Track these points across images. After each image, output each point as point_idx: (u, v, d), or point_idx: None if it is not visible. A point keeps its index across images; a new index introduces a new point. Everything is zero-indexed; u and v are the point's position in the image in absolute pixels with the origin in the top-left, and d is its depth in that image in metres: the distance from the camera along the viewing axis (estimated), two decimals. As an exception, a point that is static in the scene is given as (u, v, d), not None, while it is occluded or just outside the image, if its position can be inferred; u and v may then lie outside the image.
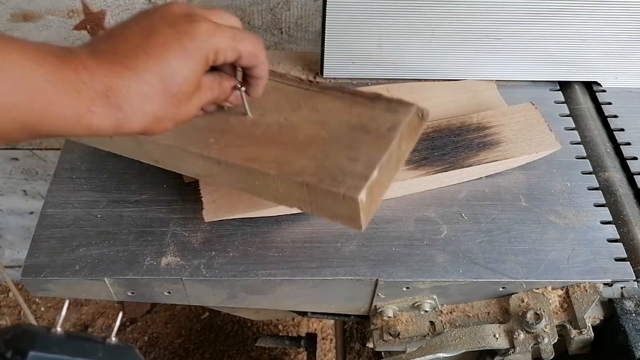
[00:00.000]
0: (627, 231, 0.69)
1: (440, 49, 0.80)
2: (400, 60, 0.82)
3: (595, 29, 0.78)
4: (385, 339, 0.67)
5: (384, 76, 0.84)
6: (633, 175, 0.75)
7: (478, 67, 0.83)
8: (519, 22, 0.77)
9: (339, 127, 0.58)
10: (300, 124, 0.59)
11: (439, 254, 0.65)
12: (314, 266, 0.64)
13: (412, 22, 0.77)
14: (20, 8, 0.98)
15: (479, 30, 0.78)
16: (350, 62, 0.82)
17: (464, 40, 0.79)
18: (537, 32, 0.78)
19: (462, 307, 0.68)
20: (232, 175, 0.58)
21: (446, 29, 0.78)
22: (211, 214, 0.65)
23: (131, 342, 1.61)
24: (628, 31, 0.78)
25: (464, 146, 0.72)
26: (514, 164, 0.73)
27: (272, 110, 0.60)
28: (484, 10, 0.76)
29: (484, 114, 0.76)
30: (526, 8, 0.75)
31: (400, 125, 0.57)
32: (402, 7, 0.75)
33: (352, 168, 0.53)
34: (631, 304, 0.63)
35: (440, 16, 0.76)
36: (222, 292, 0.66)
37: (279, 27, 1.03)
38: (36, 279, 0.62)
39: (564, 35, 0.79)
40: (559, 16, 0.76)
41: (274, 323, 1.66)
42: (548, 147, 0.73)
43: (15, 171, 1.34)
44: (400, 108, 0.58)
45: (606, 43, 0.80)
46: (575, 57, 0.82)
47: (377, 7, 0.75)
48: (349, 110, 0.59)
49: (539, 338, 0.62)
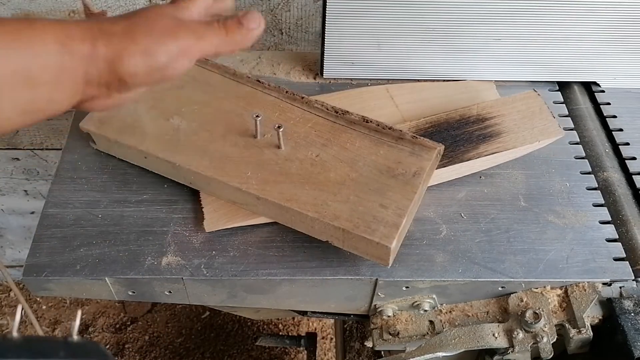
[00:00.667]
0: (625, 231, 0.69)
1: (440, 49, 0.80)
2: (400, 60, 0.82)
3: (594, 30, 0.78)
4: (384, 338, 0.67)
5: (384, 76, 0.84)
6: (632, 175, 0.75)
7: (478, 68, 0.83)
8: (518, 23, 0.77)
9: (367, 169, 0.64)
10: (331, 163, 0.65)
11: (439, 254, 0.66)
12: (314, 266, 0.64)
13: (412, 23, 0.77)
14: (21, 8, 0.98)
15: (479, 31, 0.78)
16: (350, 63, 0.82)
17: (463, 41, 0.79)
18: (536, 32, 0.78)
19: (461, 306, 0.68)
20: (269, 209, 0.63)
21: (446, 30, 0.78)
22: (212, 224, 0.65)
23: (132, 341, 1.61)
24: (627, 31, 0.78)
25: (464, 139, 0.71)
26: (516, 154, 0.72)
27: (303, 145, 0.66)
28: (483, 11, 0.76)
29: (483, 104, 0.75)
30: (525, 8, 0.76)
31: (424, 171, 0.63)
32: (402, 8, 0.75)
33: (384, 215, 0.60)
34: (630, 304, 0.64)
35: (440, 17, 0.76)
36: (223, 292, 0.66)
37: (279, 27, 1.03)
38: (37, 278, 0.62)
39: (563, 36, 0.79)
40: (558, 17, 0.76)
41: (274, 322, 1.66)
42: (551, 134, 0.72)
43: (17, 171, 1.35)
44: (423, 153, 0.65)
45: (605, 43, 0.80)
46: (574, 58, 0.82)
47: (376, 8, 0.75)
48: (375, 150, 0.66)
49: (538, 337, 0.62)
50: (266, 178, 0.63)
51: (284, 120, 0.68)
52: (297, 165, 0.65)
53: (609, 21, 0.77)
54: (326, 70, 0.84)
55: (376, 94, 0.80)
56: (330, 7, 0.75)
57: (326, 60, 0.82)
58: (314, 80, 0.85)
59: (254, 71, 0.86)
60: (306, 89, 0.84)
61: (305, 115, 0.69)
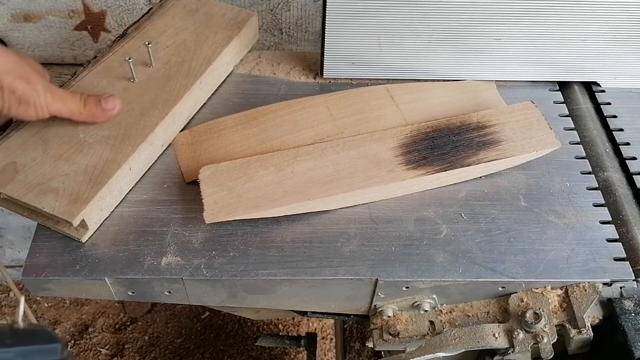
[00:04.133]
0: (626, 231, 0.69)
1: (440, 49, 0.80)
2: (400, 60, 0.82)
3: (594, 30, 0.78)
4: (385, 339, 0.67)
5: (384, 76, 0.84)
6: (632, 175, 0.75)
7: (478, 68, 0.83)
8: (518, 23, 0.77)
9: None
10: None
11: (439, 254, 0.66)
12: (314, 266, 0.64)
13: (412, 23, 0.77)
14: (20, 8, 0.98)
15: (479, 31, 0.78)
16: (350, 62, 0.82)
17: (463, 41, 0.79)
18: (536, 32, 0.78)
19: (461, 306, 0.68)
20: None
21: (446, 30, 0.78)
22: (212, 216, 0.65)
23: (132, 341, 1.61)
24: (627, 32, 0.78)
25: (464, 145, 0.72)
26: (514, 162, 0.73)
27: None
28: (483, 11, 0.76)
29: (483, 112, 0.76)
30: (526, 8, 0.75)
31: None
32: (402, 8, 0.75)
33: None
34: (630, 304, 0.64)
35: (440, 16, 0.76)
36: (223, 292, 0.66)
37: (279, 27, 1.03)
38: (37, 278, 0.62)
39: (563, 36, 0.79)
40: (558, 17, 0.76)
41: (274, 322, 1.66)
42: (548, 145, 0.73)
43: (16, 171, 1.34)
44: None
45: (605, 43, 0.80)
46: (575, 58, 0.82)
47: (376, 8, 0.75)
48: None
49: (538, 337, 0.62)
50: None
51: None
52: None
53: (609, 21, 0.77)
54: (326, 70, 0.84)
55: (376, 94, 0.80)
56: (330, 7, 0.75)
57: (326, 60, 0.82)
58: (314, 80, 0.85)
59: (254, 71, 0.86)
60: (306, 88, 0.84)
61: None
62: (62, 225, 0.65)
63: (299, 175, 0.68)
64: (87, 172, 0.65)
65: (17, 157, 0.66)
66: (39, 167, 0.65)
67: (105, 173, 0.65)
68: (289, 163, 0.69)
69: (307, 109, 0.78)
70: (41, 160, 0.66)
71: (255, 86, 0.84)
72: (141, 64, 0.75)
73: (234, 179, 0.68)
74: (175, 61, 0.78)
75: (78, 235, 0.65)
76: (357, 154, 0.71)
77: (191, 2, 0.87)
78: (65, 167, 0.65)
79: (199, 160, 0.72)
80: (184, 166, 0.73)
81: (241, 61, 0.87)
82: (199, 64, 0.78)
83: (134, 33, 0.81)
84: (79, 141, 0.68)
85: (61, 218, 0.61)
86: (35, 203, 0.62)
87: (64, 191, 0.63)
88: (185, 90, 0.74)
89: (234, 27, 0.83)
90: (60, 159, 0.66)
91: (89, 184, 0.64)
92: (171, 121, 0.73)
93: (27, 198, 0.62)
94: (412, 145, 0.72)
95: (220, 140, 0.74)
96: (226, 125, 0.76)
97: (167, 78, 0.76)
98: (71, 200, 0.62)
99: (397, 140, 0.72)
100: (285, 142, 0.74)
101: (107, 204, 0.67)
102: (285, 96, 0.82)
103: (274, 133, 0.75)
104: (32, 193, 0.63)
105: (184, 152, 0.74)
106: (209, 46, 0.80)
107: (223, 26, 0.83)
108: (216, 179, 0.68)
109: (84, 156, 0.67)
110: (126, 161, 0.67)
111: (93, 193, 0.63)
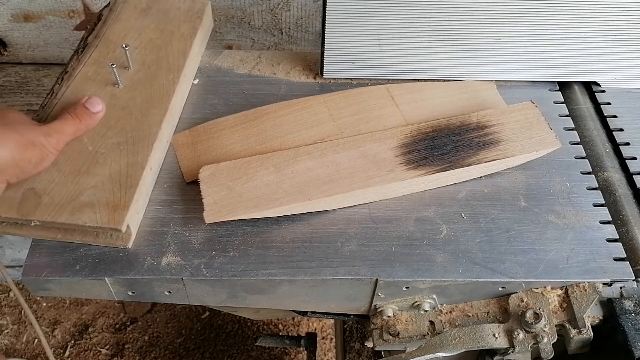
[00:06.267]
0: (626, 231, 0.69)
1: (440, 49, 0.80)
2: (400, 60, 0.82)
3: (594, 30, 0.78)
4: (385, 339, 0.67)
5: (384, 76, 0.84)
6: (632, 175, 0.75)
7: (478, 68, 0.83)
8: (518, 23, 0.77)
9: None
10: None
11: (439, 254, 0.66)
12: (314, 266, 0.64)
13: (412, 23, 0.77)
14: (21, 8, 0.98)
15: (479, 31, 0.78)
16: (350, 62, 0.82)
17: (463, 41, 0.79)
18: (536, 32, 0.78)
19: (461, 306, 0.68)
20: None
21: (446, 30, 0.78)
22: (212, 216, 0.65)
23: (132, 341, 1.61)
24: (627, 32, 0.78)
25: (464, 145, 0.72)
26: (514, 162, 0.73)
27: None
28: (483, 11, 0.76)
29: (483, 112, 0.76)
30: (526, 9, 0.76)
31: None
32: (402, 8, 0.75)
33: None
34: (630, 304, 0.64)
35: (440, 16, 0.76)
36: (223, 292, 0.66)
37: (279, 27, 1.03)
38: (37, 278, 0.62)
39: (563, 36, 0.79)
40: (558, 17, 0.76)
41: (274, 322, 1.66)
42: (548, 145, 0.73)
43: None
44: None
45: (605, 43, 0.80)
46: (575, 58, 0.82)
47: (376, 8, 0.75)
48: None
49: (538, 337, 0.62)
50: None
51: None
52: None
53: (609, 21, 0.77)
54: (326, 70, 0.84)
55: (376, 94, 0.80)
56: (330, 7, 0.75)
57: (326, 60, 0.82)
58: (314, 80, 0.85)
59: (254, 71, 0.86)
60: (306, 88, 0.84)
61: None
62: (103, 237, 0.64)
63: (299, 175, 0.68)
64: (113, 179, 0.64)
65: (32, 183, 0.64)
66: (61, 187, 0.64)
67: (132, 176, 0.65)
68: (289, 163, 0.69)
69: (307, 109, 0.78)
70: (60, 180, 0.64)
71: (255, 86, 0.84)
72: (118, 68, 0.74)
73: (234, 179, 0.68)
74: (152, 60, 0.78)
75: (123, 242, 0.64)
76: (357, 154, 0.71)
77: (141, 1, 0.86)
78: (89, 180, 0.64)
79: (199, 160, 0.72)
80: (184, 166, 0.73)
81: (241, 61, 0.87)
82: (175, 58, 0.78)
83: (95, 41, 0.80)
84: (91, 153, 0.67)
85: (107, 228, 0.60)
86: (74, 221, 0.61)
87: (99, 202, 0.62)
88: (174, 85, 0.75)
89: (195, 18, 0.84)
90: (79, 174, 0.65)
91: (121, 190, 0.63)
92: (170, 117, 0.74)
93: (64, 218, 0.61)
94: (412, 145, 0.72)
95: (220, 140, 0.75)
96: (226, 125, 0.76)
97: (151, 77, 0.76)
98: (110, 209, 0.61)
99: (397, 140, 0.72)
100: (285, 142, 0.74)
101: (141, 206, 0.66)
102: (285, 96, 0.82)
103: (274, 133, 0.75)
104: (66, 212, 0.61)
105: (184, 152, 0.74)
106: (177, 40, 0.81)
107: (182, 19, 0.84)
108: (216, 179, 0.68)
109: (102, 166, 0.66)
110: (147, 161, 0.66)
111: (129, 197, 0.63)
